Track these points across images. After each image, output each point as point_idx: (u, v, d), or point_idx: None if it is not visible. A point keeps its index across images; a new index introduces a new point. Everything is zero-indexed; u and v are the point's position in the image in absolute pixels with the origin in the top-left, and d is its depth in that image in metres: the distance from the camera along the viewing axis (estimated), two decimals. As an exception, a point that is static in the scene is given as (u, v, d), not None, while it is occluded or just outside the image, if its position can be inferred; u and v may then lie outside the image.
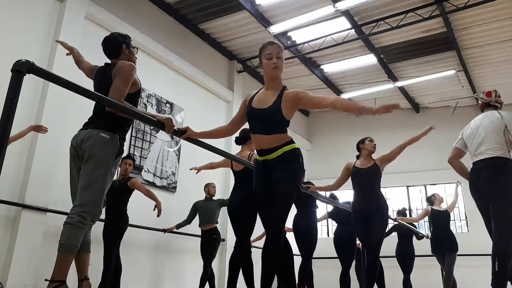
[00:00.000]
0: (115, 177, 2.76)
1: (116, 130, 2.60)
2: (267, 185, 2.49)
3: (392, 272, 6.59)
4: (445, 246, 5.95)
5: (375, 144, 4.55)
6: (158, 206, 4.81)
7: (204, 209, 6.04)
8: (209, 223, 5.94)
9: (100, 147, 2.49)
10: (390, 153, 4.51)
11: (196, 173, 5.21)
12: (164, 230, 6.16)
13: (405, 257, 6.65)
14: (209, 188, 6.17)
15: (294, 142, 2.58)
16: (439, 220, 6.14)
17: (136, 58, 2.90)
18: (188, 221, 6.12)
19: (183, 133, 2.69)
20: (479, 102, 3.70)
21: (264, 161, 2.55)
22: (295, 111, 2.63)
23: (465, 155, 3.74)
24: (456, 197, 6.71)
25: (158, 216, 4.83)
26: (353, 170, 4.50)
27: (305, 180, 5.41)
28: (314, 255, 5.25)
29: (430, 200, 6.55)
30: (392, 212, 6.43)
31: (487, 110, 3.56)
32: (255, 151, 2.68)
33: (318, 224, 5.67)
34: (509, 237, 3.12)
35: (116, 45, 2.81)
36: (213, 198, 6.18)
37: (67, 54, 3.20)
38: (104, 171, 2.49)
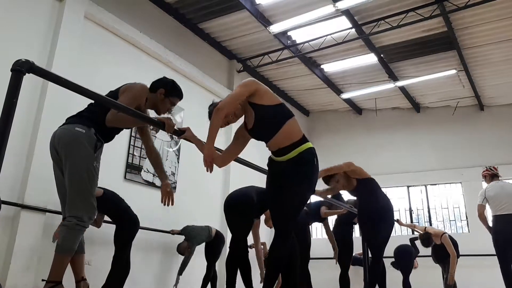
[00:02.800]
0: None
1: (91, 125, 2.55)
2: (280, 187, 2.50)
3: (392, 272, 6.58)
4: (445, 255, 6.04)
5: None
6: None
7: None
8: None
9: (75, 142, 2.44)
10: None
11: None
12: (173, 232, 6.17)
13: (404, 257, 6.64)
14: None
15: (305, 142, 2.54)
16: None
17: (168, 110, 2.83)
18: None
19: (181, 132, 2.69)
20: (489, 172, 5.22)
21: (279, 162, 2.55)
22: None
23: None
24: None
25: None
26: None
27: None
28: (312, 255, 5.23)
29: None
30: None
31: (495, 179, 5.13)
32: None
33: (318, 224, 5.67)
34: None
35: (157, 84, 2.78)
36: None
37: None
38: (85, 167, 2.44)
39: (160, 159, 3.07)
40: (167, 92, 2.74)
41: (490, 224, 5.18)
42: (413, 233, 8.45)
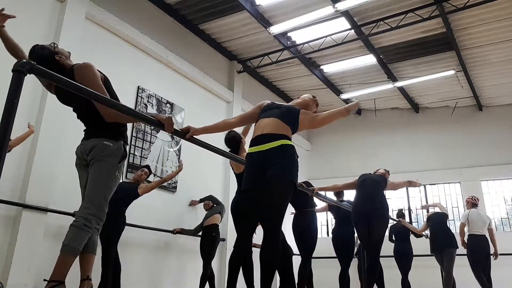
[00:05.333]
0: (121, 180, 2.77)
1: (119, 136, 2.61)
2: (262, 182, 2.51)
3: (391, 272, 6.60)
4: (443, 243, 6.05)
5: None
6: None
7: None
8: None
9: (105, 154, 2.52)
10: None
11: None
12: (175, 231, 6.20)
13: (402, 256, 6.66)
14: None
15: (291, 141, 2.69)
16: (436, 218, 6.41)
17: (68, 52, 2.84)
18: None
19: (185, 133, 2.70)
20: (472, 200, 6.58)
21: (258, 153, 2.58)
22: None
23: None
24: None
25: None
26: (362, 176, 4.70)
27: (304, 180, 5.42)
28: (314, 254, 5.25)
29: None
30: (392, 212, 6.44)
31: (474, 207, 6.52)
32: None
33: (318, 223, 5.69)
34: None
35: (49, 63, 2.60)
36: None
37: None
38: (108, 176, 2.52)
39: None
40: (56, 53, 2.78)
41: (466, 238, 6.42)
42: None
